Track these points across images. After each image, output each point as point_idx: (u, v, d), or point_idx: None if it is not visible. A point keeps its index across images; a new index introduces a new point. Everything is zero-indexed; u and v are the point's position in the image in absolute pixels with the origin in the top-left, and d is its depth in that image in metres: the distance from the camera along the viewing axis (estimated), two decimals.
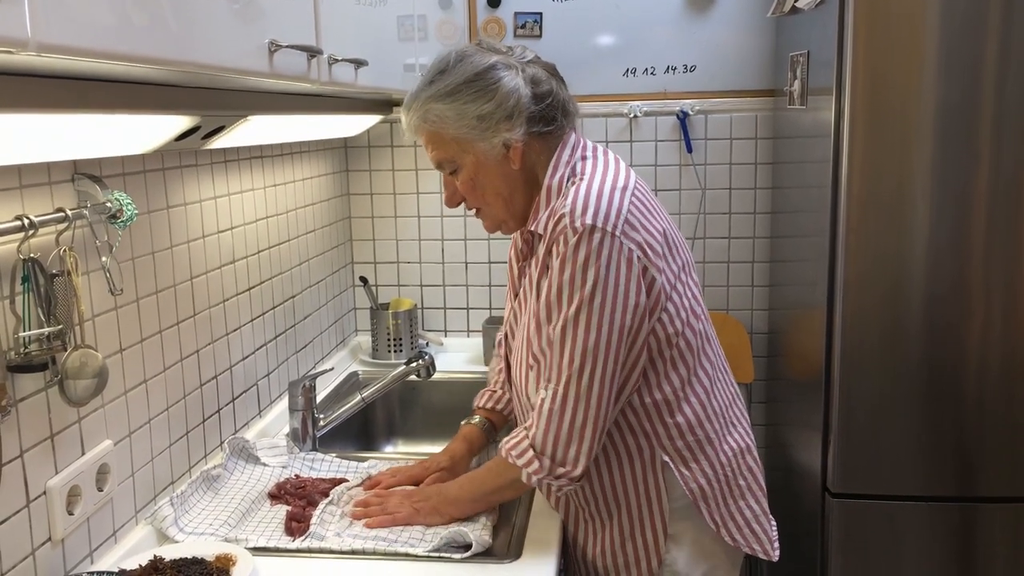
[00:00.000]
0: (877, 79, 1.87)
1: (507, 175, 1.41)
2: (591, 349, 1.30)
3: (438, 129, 1.40)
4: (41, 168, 1.21)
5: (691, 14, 2.48)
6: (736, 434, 1.48)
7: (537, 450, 1.35)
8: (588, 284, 1.29)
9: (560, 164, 1.41)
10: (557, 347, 1.33)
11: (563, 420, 1.33)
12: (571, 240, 1.30)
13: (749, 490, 1.48)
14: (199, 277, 1.66)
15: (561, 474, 1.34)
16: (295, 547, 1.40)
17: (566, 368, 1.32)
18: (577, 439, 1.33)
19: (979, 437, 1.96)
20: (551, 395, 1.34)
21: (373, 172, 2.64)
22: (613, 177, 1.37)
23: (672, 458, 1.41)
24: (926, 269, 1.92)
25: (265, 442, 1.79)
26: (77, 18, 0.79)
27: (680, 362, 1.39)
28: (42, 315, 1.17)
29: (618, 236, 1.30)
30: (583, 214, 1.30)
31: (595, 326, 1.30)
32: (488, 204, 1.45)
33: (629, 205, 1.33)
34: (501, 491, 1.46)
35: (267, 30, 1.21)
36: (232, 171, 1.82)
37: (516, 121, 1.37)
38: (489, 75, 1.37)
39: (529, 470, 1.35)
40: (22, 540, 1.18)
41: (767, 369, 2.61)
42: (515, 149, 1.38)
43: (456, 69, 1.39)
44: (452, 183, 1.45)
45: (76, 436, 1.28)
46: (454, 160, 1.42)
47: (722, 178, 2.54)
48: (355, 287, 2.68)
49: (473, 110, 1.36)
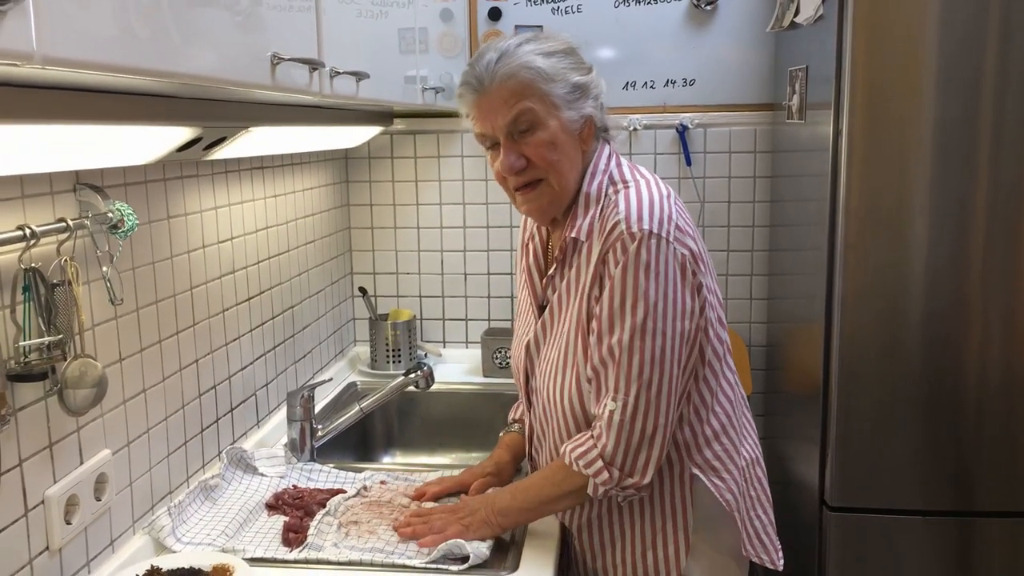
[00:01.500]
0: (876, 94, 1.88)
1: (576, 153, 1.41)
2: (658, 358, 1.31)
3: (533, 82, 1.35)
4: (43, 178, 1.21)
5: (691, 28, 2.49)
6: (748, 444, 1.49)
7: (607, 460, 1.34)
8: (652, 291, 1.30)
9: (598, 171, 1.42)
10: (626, 357, 1.32)
11: (634, 430, 1.32)
12: (631, 247, 1.30)
13: (759, 500, 1.49)
14: (199, 287, 1.67)
15: (629, 484, 1.35)
16: (292, 558, 1.40)
17: (635, 378, 1.31)
18: (647, 448, 1.33)
19: (977, 451, 1.96)
20: (621, 406, 1.32)
21: (373, 183, 2.65)
22: (656, 186, 1.39)
23: (703, 469, 1.41)
24: (925, 283, 1.92)
25: (263, 452, 1.80)
26: (81, 31, 0.80)
27: (710, 372, 1.41)
28: (42, 324, 1.17)
29: (672, 242, 1.31)
30: (639, 220, 1.31)
31: (660, 334, 1.31)
32: (558, 173, 1.38)
33: (677, 212, 1.35)
34: (559, 500, 1.43)
35: (270, 43, 1.21)
36: (233, 182, 1.82)
37: (597, 103, 1.42)
38: (580, 54, 1.42)
39: (598, 480, 1.34)
40: (20, 549, 1.18)
41: (765, 382, 2.61)
42: (589, 129, 1.41)
43: (552, 38, 1.41)
44: (515, 148, 1.37)
45: (75, 445, 1.29)
46: (537, 118, 1.35)
47: (721, 191, 2.55)
48: (354, 298, 2.68)
49: (573, 76, 1.39)
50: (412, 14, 2.09)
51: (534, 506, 1.44)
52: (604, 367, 1.35)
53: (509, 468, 1.65)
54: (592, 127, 1.41)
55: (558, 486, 1.41)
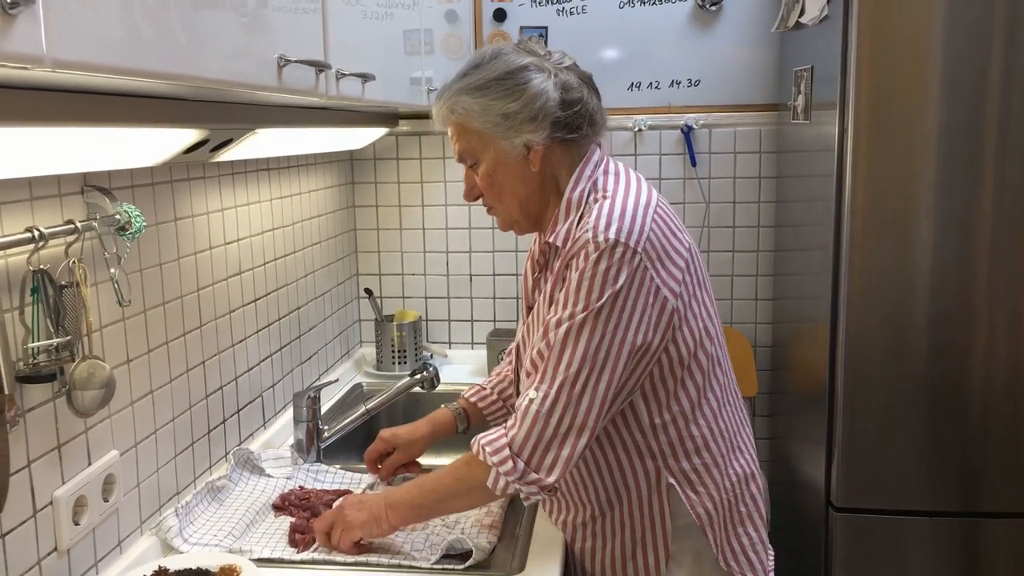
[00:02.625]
0: (881, 94, 1.88)
1: (525, 176, 1.41)
2: (591, 357, 1.28)
3: (464, 121, 1.40)
4: (51, 180, 1.22)
5: (695, 29, 2.49)
6: (742, 460, 1.46)
7: (514, 450, 1.30)
8: (605, 295, 1.28)
9: (582, 178, 1.41)
10: (557, 350, 1.30)
11: (548, 424, 1.29)
12: (592, 255, 1.29)
13: (749, 517, 1.46)
14: (206, 289, 1.67)
15: (533, 480, 1.29)
16: (299, 559, 1.41)
17: (562, 372, 1.29)
18: (557, 446, 1.29)
19: (983, 452, 1.96)
20: (541, 397, 1.30)
21: (379, 184, 2.65)
22: (636, 194, 1.37)
23: (678, 480, 1.39)
24: (930, 284, 1.92)
25: (270, 453, 1.80)
26: (90, 34, 0.81)
27: (691, 384, 1.38)
28: (51, 326, 1.18)
29: (639, 252, 1.29)
30: (606, 229, 1.29)
31: (599, 335, 1.28)
32: (503, 203, 1.45)
33: (651, 223, 1.33)
34: (457, 497, 1.39)
35: (276, 45, 1.22)
36: (239, 183, 1.83)
37: (540, 124, 1.37)
38: (520, 75, 1.38)
39: (502, 470, 1.30)
40: (28, 550, 1.18)
41: (771, 382, 2.61)
42: (536, 152, 1.38)
43: (489, 65, 1.40)
44: (472, 177, 1.45)
45: (83, 446, 1.29)
46: (475, 154, 1.42)
47: (726, 192, 2.55)
48: (360, 299, 2.69)
49: (499, 107, 1.37)
50: (417, 16, 2.09)
51: (429, 503, 1.40)
52: (538, 361, 1.34)
53: (422, 442, 1.67)
54: (540, 147, 1.38)
55: (458, 481, 1.38)
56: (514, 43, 1.47)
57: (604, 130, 1.47)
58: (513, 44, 1.46)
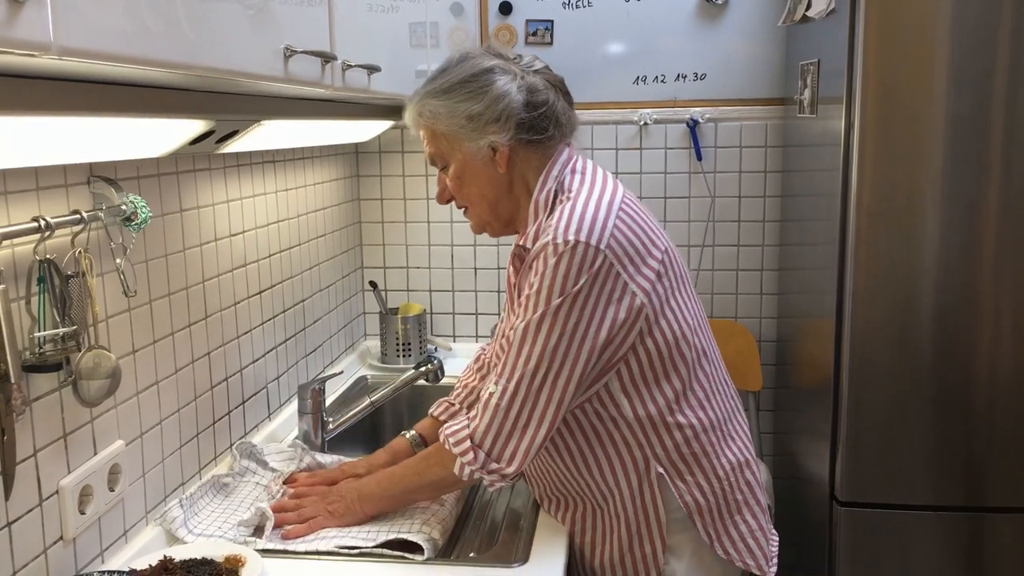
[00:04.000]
0: (887, 88, 1.88)
1: (493, 178, 1.44)
2: (550, 352, 1.31)
3: (431, 124, 1.44)
4: (57, 170, 1.22)
5: (702, 22, 2.48)
6: (734, 447, 1.46)
7: (475, 441, 1.35)
8: (565, 294, 1.30)
9: (549, 179, 1.43)
10: (516, 345, 1.33)
11: (507, 417, 1.33)
12: (551, 259, 1.30)
13: (746, 504, 1.46)
14: (211, 280, 1.67)
15: (494, 469, 1.35)
16: (303, 549, 1.41)
17: (520, 366, 1.32)
18: (517, 438, 1.33)
19: (988, 447, 1.96)
20: (500, 390, 1.34)
21: (384, 177, 2.65)
22: (600, 193, 1.38)
23: (667, 470, 1.40)
24: (936, 279, 1.92)
25: (274, 447, 1.80)
26: (97, 23, 0.81)
27: (674, 376, 1.39)
28: (57, 316, 1.18)
29: (603, 250, 1.30)
30: (566, 230, 1.31)
31: (558, 332, 1.30)
32: (473, 204, 1.49)
33: (616, 220, 1.34)
34: (421, 489, 1.46)
35: (282, 36, 1.22)
36: (244, 175, 1.83)
37: (504, 125, 1.39)
38: (484, 77, 1.41)
39: (464, 459, 1.36)
40: (35, 539, 1.19)
41: (775, 377, 2.61)
42: (501, 153, 1.41)
43: (455, 69, 1.43)
44: (443, 179, 1.50)
45: (89, 436, 1.30)
46: (444, 156, 1.46)
47: (732, 186, 2.55)
48: (365, 292, 2.69)
49: (464, 109, 1.40)
50: (423, 8, 2.09)
51: (396, 493, 1.47)
52: (501, 355, 1.37)
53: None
54: (505, 148, 1.40)
55: (420, 475, 1.45)
56: (484, 46, 1.50)
57: (573, 132, 1.50)
58: (482, 48, 1.49)
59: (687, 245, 2.58)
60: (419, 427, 1.74)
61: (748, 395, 2.55)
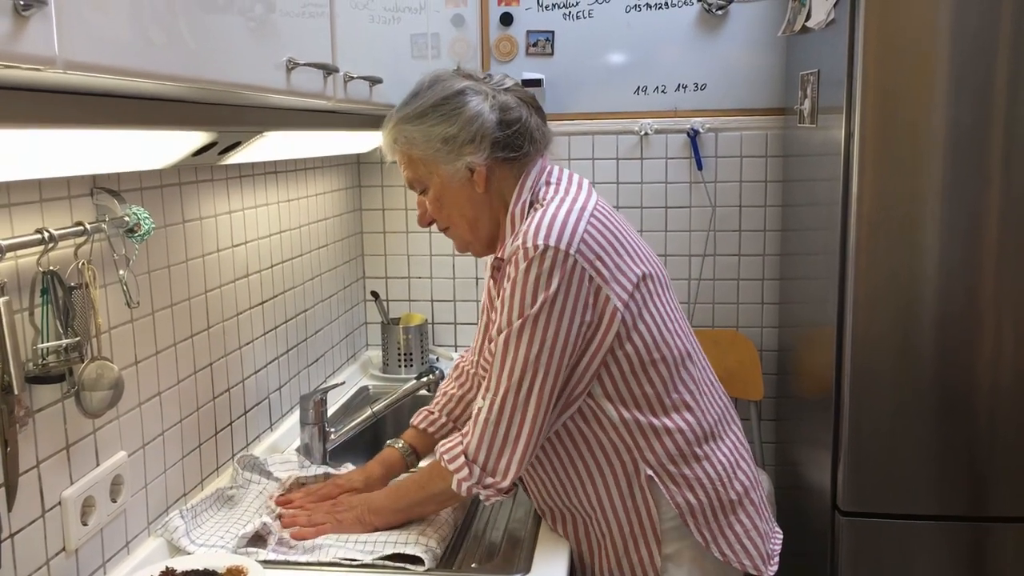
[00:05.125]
0: (887, 98, 1.88)
1: (472, 198, 1.46)
2: (531, 362, 1.32)
3: (407, 150, 1.46)
4: (61, 182, 1.23)
5: (702, 33, 2.49)
6: (725, 448, 1.46)
7: (469, 457, 1.37)
8: (538, 301, 1.31)
9: (524, 191, 1.44)
10: (499, 358, 1.35)
11: (498, 430, 1.35)
12: (522, 264, 1.32)
13: (740, 504, 1.45)
14: (213, 291, 1.68)
15: (489, 484, 1.36)
16: (305, 560, 1.41)
17: (505, 379, 1.34)
18: (509, 451, 1.35)
19: (991, 456, 1.96)
20: (488, 404, 1.36)
21: (385, 188, 2.66)
22: (572, 200, 1.40)
23: (656, 472, 1.40)
24: (937, 287, 1.92)
25: (276, 457, 1.80)
26: (100, 37, 0.81)
27: (657, 380, 1.40)
28: (60, 327, 1.18)
29: (572, 255, 1.32)
30: (535, 236, 1.33)
31: (538, 340, 1.32)
32: (454, 225, 1.51)
33: (587, 226, 1.35)
34: (426, 503, 1.48)
35: (285, 48, 1.23)
36: (247, 186, 1.84)
37: (480, 145, 1.41)
38: (456, 99, 1.42)
39: (459, 476, 1.37)
40: (37, 550, 1.19)
41: (777, 387, 2.61)
42: (479, 173, 1.43)
43: (427, 93, 1.45)
44: (423, 203, 1.52)
45: (91, 447, 1.30)
46: (423, 180, 1.48)
47: (732, 196, 2.55)
48: (366, 302, 2.69)
49: (438, 132, 1.42)
50: (424, 20, 2.10)
51: (404, 507, 1.48)
52: (487, 368, 1.39)
53: (379, 484, 1.64)
54: (483, 168, 1.42)
55: (423, 488, 1.46)
56: (453, 69, 1.51)
57: (548, 146, 1.51)
58: (452, 70, 1.50)
59: (688, 255, 2.58)
60: (406, 436, 1.74)
61: (749, 405, 2.55)
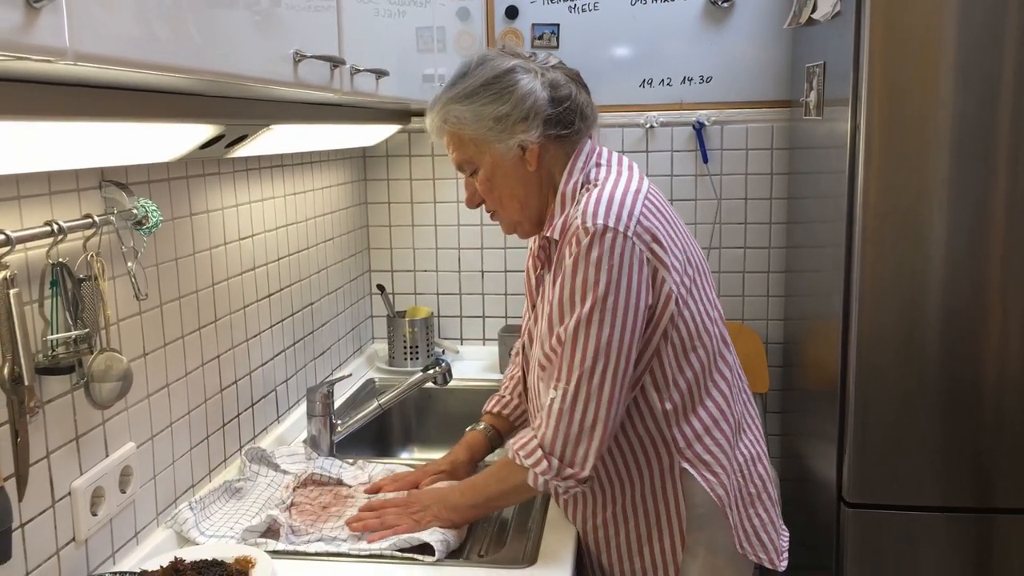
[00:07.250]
0: (893, 90, 1.88)
1: (523, 177, 1.43)
2: (603, 348, 1.31)
3: (458, 130, 1.43)
4: (70, 175, 1.23)
5: (707, 25, 2.49)
6: (747, 441, 1.48)
7: (546, 450, 1.35)
8: (602, 284, 1.30)
9: (575, 171, 1.43)
10: (569, 346, 1.33)
11: (573, 419, 1.33)
12: (583, 241, 1.31)
13: (759, 498, 1.47)
14: (220, 283, 1.69)
15: (569, 475, 1.34)
16: (314, 551, 1.42)
17: (577, 367, 1.32)
18: (587, 439, 1.33)
19: (996, 448, 1.96)
20: (561, 394, 1.33)
21: (391, 181, 2.67)
22: (626, 182, 1.39)
23: (693, 464, 1.40)
24: (943, 280, 1.92)
25: (283, 450, 1.81)
26: (110, 29, 0.82)
27: (698, 367, 1.40)
28: (69, 319, 1.19)
29: (630, 236, 1.31)
30: (594, 215, 1.32)
31: (608, 325, 1.30)
32: (503, 206, 1.47)
33: (642, 207, 1.35)
34: (504, 496, 1.47)
35: (292, 41, 1.23)
36: (254, 179, 1.84)
37: (532, 123, 1.39)
38: (507, 78, 1.40)
39: (537, 470, 1.35)
40: (47, 540, 1.20)
41: (782, 379, 2.61)
42: (531, 151, 1.41)
43: (476, 72, 1.42)
44: (472, 184, 1.48)
45: (100, 438, 1.31)
46: (473, 161, 1.44)
47: (738, 188, 2.55)
48: (372, 295, 2.70)
49: (490, 111, 1.39)
50: (430, 13, 2.10)
51: (481, 502, 1.47)
52: (554, 356, 1.36)
53: (464, 467, 1.65)
54: (535, 146, 1.40)
55: (502, 482, 1.45)
56: (498, 48, 1.49)
57: (596, 124, 1.49)
58: (497, 49, 1.48)
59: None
60: (484, 420, 1.74)
61: (755, 397, 2.55)
